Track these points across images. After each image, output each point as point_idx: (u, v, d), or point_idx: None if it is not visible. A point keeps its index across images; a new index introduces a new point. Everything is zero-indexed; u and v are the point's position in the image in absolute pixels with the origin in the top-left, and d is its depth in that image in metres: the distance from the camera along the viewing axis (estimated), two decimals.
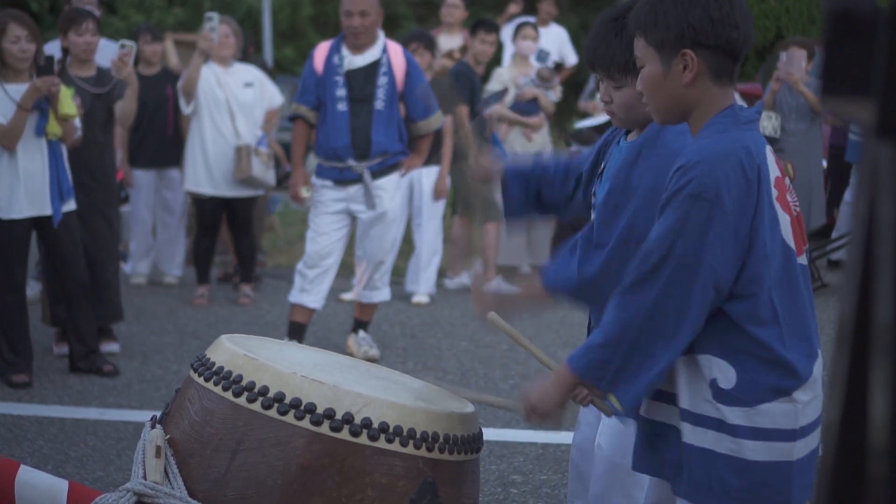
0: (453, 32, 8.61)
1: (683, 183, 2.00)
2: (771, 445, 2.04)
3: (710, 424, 2.06)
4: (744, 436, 2.03)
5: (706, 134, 2.07)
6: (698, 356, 2.07)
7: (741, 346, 2.04)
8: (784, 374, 2.04)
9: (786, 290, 2.06)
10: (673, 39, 2.07)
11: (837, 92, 0.87)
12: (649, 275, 2.03)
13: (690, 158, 2.02)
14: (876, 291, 0.81)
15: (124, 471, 4.00)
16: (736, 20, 2.07)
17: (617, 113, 2.51)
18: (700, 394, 2.07)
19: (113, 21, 15.56)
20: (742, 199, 2.00)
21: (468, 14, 8.80)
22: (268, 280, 7.95)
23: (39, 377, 5.34)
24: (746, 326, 2.03)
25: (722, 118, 2.08)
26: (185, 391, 2.42)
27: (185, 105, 7.03)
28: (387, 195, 5.62)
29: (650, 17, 2.10)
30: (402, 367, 5.42)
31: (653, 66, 2.11)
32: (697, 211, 1.99)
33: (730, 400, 2.04)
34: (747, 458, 2.04)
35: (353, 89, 5.51)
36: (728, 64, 2.10)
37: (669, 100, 2.12)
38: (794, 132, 7.56)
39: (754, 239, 2.02)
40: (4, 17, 5.13)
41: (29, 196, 5.15)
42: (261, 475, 2.23)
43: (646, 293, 2.03)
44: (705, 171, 1.99)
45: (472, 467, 2.42)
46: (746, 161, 2.02)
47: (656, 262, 2.02)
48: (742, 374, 2.04)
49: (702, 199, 1.98)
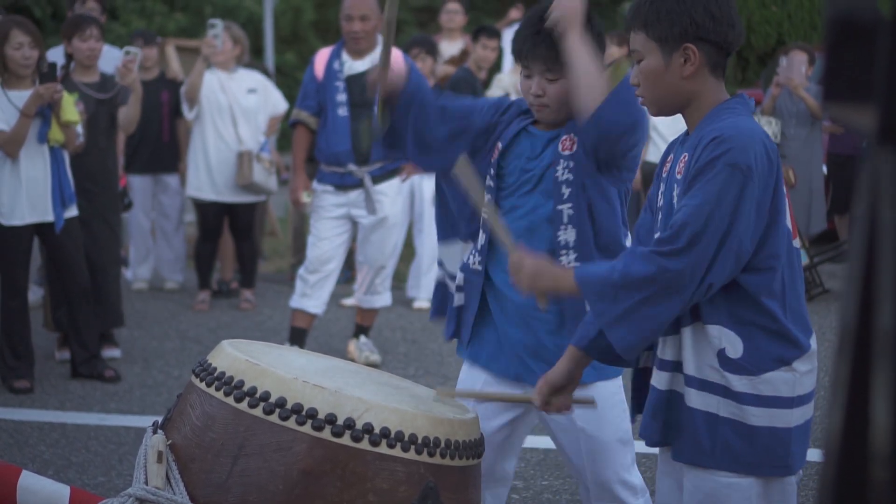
0: (454, 38, 8.62)
1: (721, 152, 2.08)
2: (772, 412, 2.13)
3: (716, 390, 2.14)
4: (747, 402, 2.13)
5: (724, 116, 2.17)
6: (708, 326, 2.15)
7: (751, 318, 2.13)
8: (787, 345, 2.14)
9: (788, 268, 2.17)
10: (677, 34, 2.18)
11: (839, 98, 0.87)
12: (687, 246, 2.08)
13: (724, 132, 2.10)
14: (877, 298, 0.81)
15: (125, 476, 4.00)
16: (732, 19, 2.20)
17: (550, 105, 2.66)
18: (706, 361, 2.15)
19: (115, 27, 15.58)
20: (766, 177, 2.11)
21: (468, 20, 8.80)
22: (269, 285, 7.96)
23: (41, 382, 5.34)
24: (761, 298, 2.12)
25: (736, 104, 2.21)
26: (186, 396, 2.42)
27: (187, 110, 7.03)
28: (388, 200, 5.62)
29: (652, 13, 2.21)
30: (403, 372, 5.42)
31: (653, 59, 2.22)
32: (734, 180, 2.07)
33: (736, 369, 2.13)
34: (750, 422, 2.13)
35: (354, 94, 5.51)
36: (723, 59, 2.23)
37: (668, 91, 2.23)
38: (794, 137, 7.56)
39: (775, 215, 2.12)
40: (7, 24, 5.14)
41: (31, 202, 5.15)
42: (262, 480, 2.23)
43: (679, 261, 2.09)
44: (739, 145, 2.08)
45: (473, 473, 2.42)
46: (768, 143, 2.13)
47: (694, 234, 2.08)
48: (749, 344, 2.13)
49: (738, 168, 2.07)
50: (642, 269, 2.11)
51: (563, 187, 2.67)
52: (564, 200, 2.67)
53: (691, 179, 2.12)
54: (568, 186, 2.67)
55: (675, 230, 2.10)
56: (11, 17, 5.33)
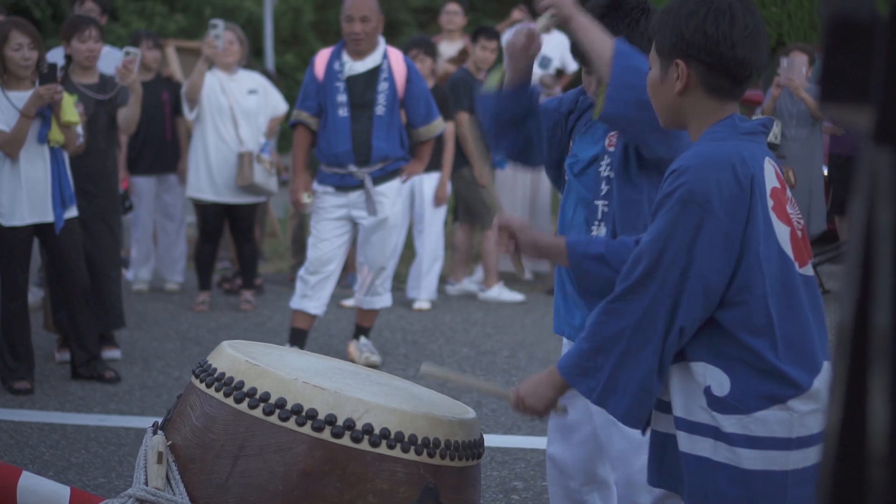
0: (454, 39, 8.62)
1: (675, 187, 2.00)
2: (765, 454, 2.01)
3: (707, 432, 2.04)
4: (739, 444, 2.01)
5: (702, 141, 2.09)
6: (692, 363, 2.05)
7: (734, 354, 2.02)
8: (779, 384, 2.01)
9: (783, 299, 2.04)
10: (668, 48, 2.10)
11: (836, 98, 0.88)
12: (640, 281, 2.02)
13: (682, 163, 2.02)
14: (875, 297, 0.81)
15: (126, 477, 4.00)
16: (734, 40, 2.04)
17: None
18: (695, 401, 2.05)
19: (115, 28, 15.58)
20: (734, 206, 1.98)
21: (467, 21, 8.80)
22: (269, 286, 7.96)
23: (41, 383, 5.34)
24: (739, 334, 2.01)
25: (720, 127, 2.08)
26: (186, 397, 2.43)
27: (188, 111, 7.04)
28: (388, 201, 5.62)
29: (657, 23, 2.16)
30: (403, 373, 5.42)
31: (654, 69, 2.17)
32: (687, 215, 1.98)
33: (724, 407, 2.01)
34: (743, 466, 2.02)
35: (354, 95, 5.52)
36: (725, 81, 2.08)
37: (664, 105, 2.17)
38: (794, 138, 7.56)
39: (746, 247, 2.00)
40: (7, 25, 5.15)
41: (31, 203, 5.16)
42: (262, 481, 2.23)
43: (636, 301, 2.02)
44: (697, 177, 1.99)
45: (473, 473, 2.42)
46: (740, 168, 2.00)
47: (647, 269, 2.01)
48: (736, 381, 2.01)
49: (692, 203, 1.97)
50: (605, 324, 2.05)
51: (602, 183, 2.69)
52: (602, 196, 2.68)
53: (652, 213, 2.05)
54: (607, 184, 2.68)
55: (629, 267, 2.04)
56: (11, 19, 5.33)
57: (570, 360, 2.14)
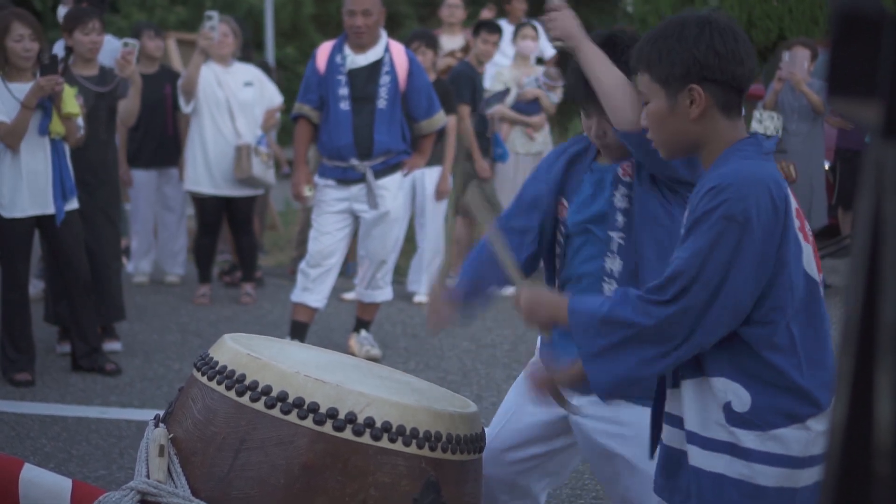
0: (454, 33, 8.61)
1: (716, 204, 1.97)
2: (779, 471, 2.03)
3: (723, 448, 2.04)
4: (756, 460, 2.02)
5: (731, 160, 2.05)
6: (712, 378, 2.05)
7: (757, 371, 2.02)
8: (800, 402, 2.03)
9: (807, 319, 2.05)
10: (679, 75, 2.06)
11: (843, 93, 0.87)
12: (672, 299, 2.01)
13: (722, 181, 1.99)
14: (881, 291, 0.81)
15: (126, 469, 4.01)
16: (741, 56, 2.06)
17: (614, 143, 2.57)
18: (711, 417, 2.05)
19: (115, 20, 15.56)
20: (770, 226, 1.98)
21: (468, 14, 8.80)
22: (269, 279, 7.96)
23: (42, 375, 5.34)
24: (762, 352, 2.02)
25: (746, 146, 2.07)
26: (188, 390, 2.43)
27: (184, 104, 7.03)
28: (389, 195, 5.62)
29: (654, 53, 2.09)
30: (403, 366, 5.42)
31: (658, 101, 2.10)
32: (729, 233, 1.97)
33: (743, 423, 2.02)
34: (758, 482, 2.03)
35: (356, 88, 5.51)
36: (735, 97, 2.09)
37: (676, 135, 2.11)
38: (796, 132, 7.56)
39: (780, 268, 2.00)
40: (8, 16, 5.14)
41: (32, 194, 5.16)
42: (264, 474, 2.23)
43: (666, 310, 2.01)
44: (737, 194, 1.97)
45: (474, 467, 2.42)
46: (775, 190, 2.00)
47: (685, 285, 1.99)
48: (757, 397, 2.02)
49: (734, 221, 1.96)
50: (627, 312, 2.04)
51: (617, 214, 2.57)
52: (617, 228, 2.57)
53: (687, 230, 2.02)
54: (623, 215, 2.57)
55: (665, 281, 2.02)
56: (12, 10, 5.32)
57: (583, 309, 2.12)
